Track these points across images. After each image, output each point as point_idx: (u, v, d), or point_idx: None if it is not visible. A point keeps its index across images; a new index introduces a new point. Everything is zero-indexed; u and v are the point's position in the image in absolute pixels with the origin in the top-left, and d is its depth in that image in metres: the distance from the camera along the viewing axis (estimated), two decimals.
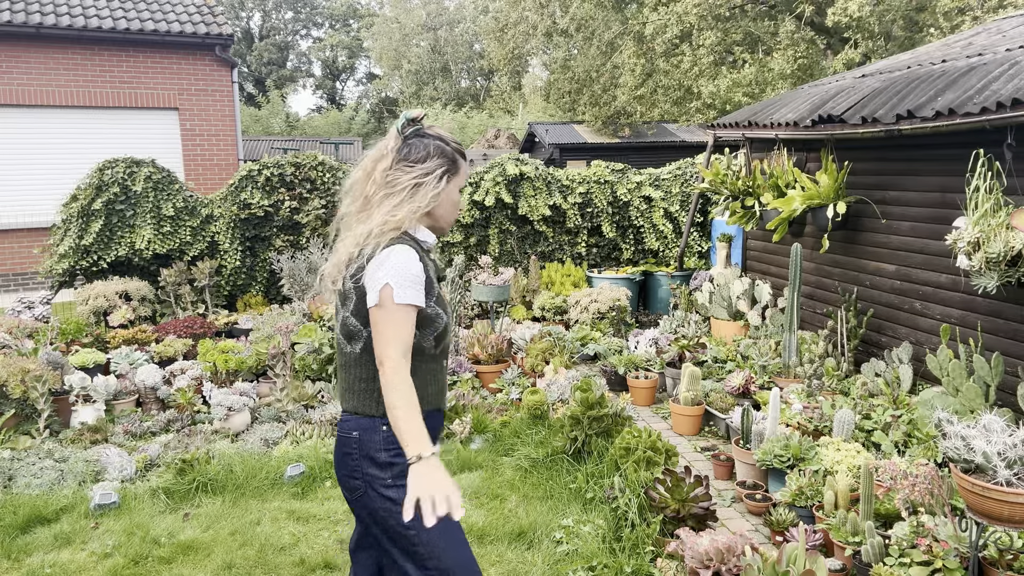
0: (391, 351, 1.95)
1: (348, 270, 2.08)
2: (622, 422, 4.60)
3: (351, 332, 2.10)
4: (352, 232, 2.11)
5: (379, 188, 2.11)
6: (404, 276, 1.99)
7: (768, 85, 14.26)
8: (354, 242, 2.08)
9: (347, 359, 2.14)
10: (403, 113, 2.17)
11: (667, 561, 3.24)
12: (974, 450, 2.68)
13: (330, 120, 35.11)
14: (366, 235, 2.06)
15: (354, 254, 2.07)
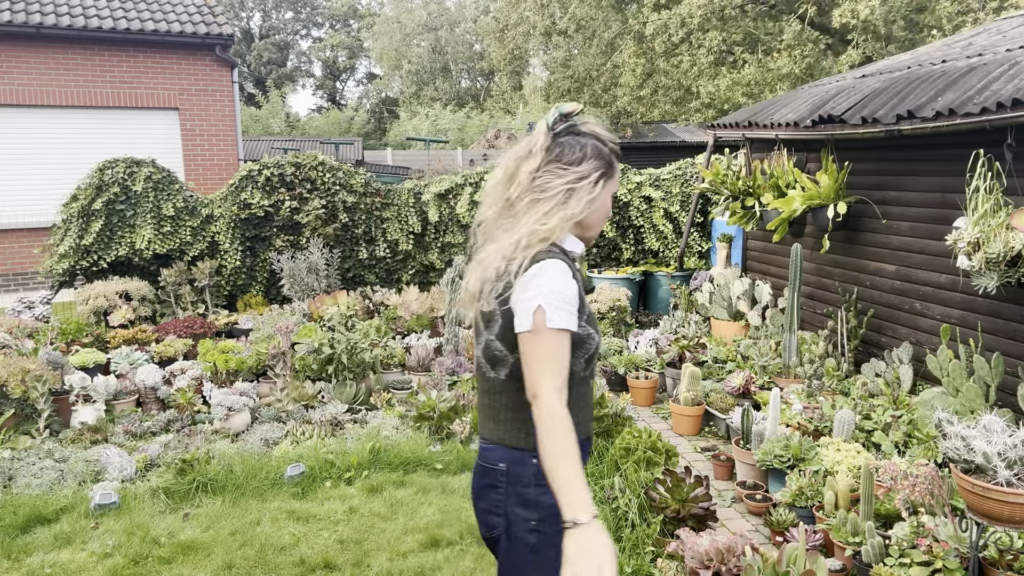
0: (546, 384, 1.68)
1: (494, 287, 1.82)
2: (622, 422, 4.60)
3: (495, 358, 1.86)
4: (496, 243, 1.85)
5: (525, 192, 1.85)
6: (558, 297, 1.73)
7: (768, 85, 14.26)
8: (499, 254, 1.82)
9: (490, 385, 1.91)
10: (555, 107, 1.91)
11: (667, 561, 3.24)
12: (974, 450, 2.68)
13: (330, 120, 35.11)
14: (513, 246, 1.81)
15: (500, 268, 1.81)
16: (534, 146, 1.88)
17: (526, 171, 1.86)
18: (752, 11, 15.73)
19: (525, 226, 1.82)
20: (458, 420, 5.08)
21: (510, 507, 1.85)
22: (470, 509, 4.08)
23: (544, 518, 1.82)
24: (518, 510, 1.84)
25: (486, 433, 1.93)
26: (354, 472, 4.52)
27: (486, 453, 1.92)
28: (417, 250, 8.81)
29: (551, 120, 1.88)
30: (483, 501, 1.91)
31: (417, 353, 6.58)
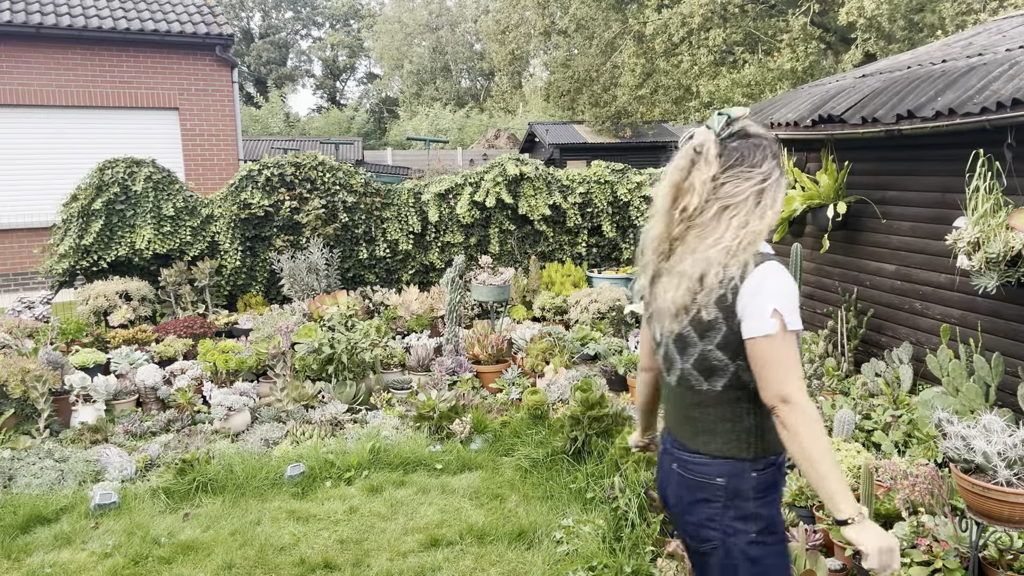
0: (794, 387, 1.70)
1: (711, 295, 1.80)
2: (622, 422, 4.60)
3: (713, 368, 1.84)
4: (694, 253, 1.83)
5: (709, 200, 1.85)
6: (789, 299, 1.75)
7: (768, 85, 14.26)
8: (707, 263, 1.80)
9: (702, 397, 1.88)
10: (723, 112, 1.93)
11: (667, 561, 3.24)
12: (974, 450, 2.68)
13: (330, 120, 35.13)
14: (725, 252, 1.79)
15: (713, 276, 1.79)
16: (705, 154, 1.87)
17: (702, 179, 1.85)
18: (752, 11, 15.73)
19: (730, 231, 1.81)
20: (458, 420, 5.08)
21: (728, 521, 1.83)
22: (470, 509, 4.09)
23: (764, 529, 1.83)
24: (738, 524, 1.83)
25: (697, 447, 1.90)
26: (354, 472, 4.52)
27: (697, 468, 1.89)
28: (417, 250, 8.81)
29: (718, 126, 1.90)
30: (694, 515, 1.88)
31: (417, 353, 6.58)
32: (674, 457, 1.96)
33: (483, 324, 7.22)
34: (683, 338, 1.88)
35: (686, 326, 1.86)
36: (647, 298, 2.00)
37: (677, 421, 1.97)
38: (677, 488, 1.94)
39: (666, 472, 2.00)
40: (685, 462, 1.92)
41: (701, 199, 1.85)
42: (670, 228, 1.92)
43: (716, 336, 1.82)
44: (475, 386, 6.17)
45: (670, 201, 1.92)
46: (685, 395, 1.93)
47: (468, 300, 8.18)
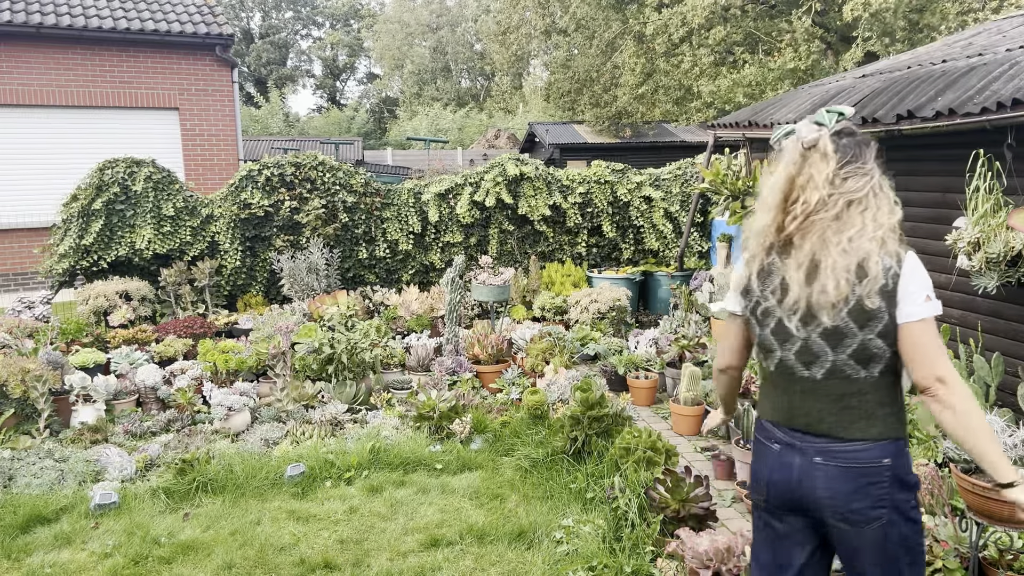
0: (947, 367, 1.84)
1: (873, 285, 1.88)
2: (622, 422, 4.60)
3: (872, 355, 1.91)
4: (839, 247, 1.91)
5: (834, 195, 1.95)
6: (931, 285, 1.91)
7: (769, 85, 14.27)
8: (860, 255, 1.89)
9: (859, 385, 1.94)
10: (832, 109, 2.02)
11: (667, 561, 3.24)
12: None
13: (330, 120, 35.13)
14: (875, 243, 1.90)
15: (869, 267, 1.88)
16: (821, 150, 1.97)
17: (823, 175, 1.95)
18: (752, 11, 15.74)
19: (870, 224, 1.93)
20: (458, 420, 5.08)
21: (895, 495, 1.93)
22: (470, 509, 4.09)
23: (916, 494, 1.98)
24: (902, 496, 1.94)
25: (854, 435, 1.95)
26: (354, 472, 4.52)
27: (860, 454, 1.94)
28: (417, 250, 8.81)
29: (831, 123, 2.01)
30: (860, 501, 1.93)
31: (417, 353, 6.58)
32: (816, 450, 1.98)
33: (483, 324, 7.22)
34: (838, 330, 1.93)
35: (844, 317, 1.91)
36: (757, 294, 2.05)
37: (819, 414, 1.99)
38: (830, 481, 1.96)
39: (799, 466, 2.01)
40: (840, 453, 1.95)
41: (823, 193, 1.94)
42: (781, 223, 2.00)
43: (878, 325, 1.89)
44: (475, 386, 6.17)
45: (782, 197, 2.00)
46: (835, 386, 1.96)
47: (468, 300, 8.18)
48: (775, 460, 2.07)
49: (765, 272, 2.04)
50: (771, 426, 2.11)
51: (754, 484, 2.14)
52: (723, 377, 2.31)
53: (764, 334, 2.08)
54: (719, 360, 2.27)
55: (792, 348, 2.01)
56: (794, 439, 2.03)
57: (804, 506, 2.02)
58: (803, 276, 1.95)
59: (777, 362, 2.06)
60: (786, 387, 2.06)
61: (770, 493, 2.08)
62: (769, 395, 2.14)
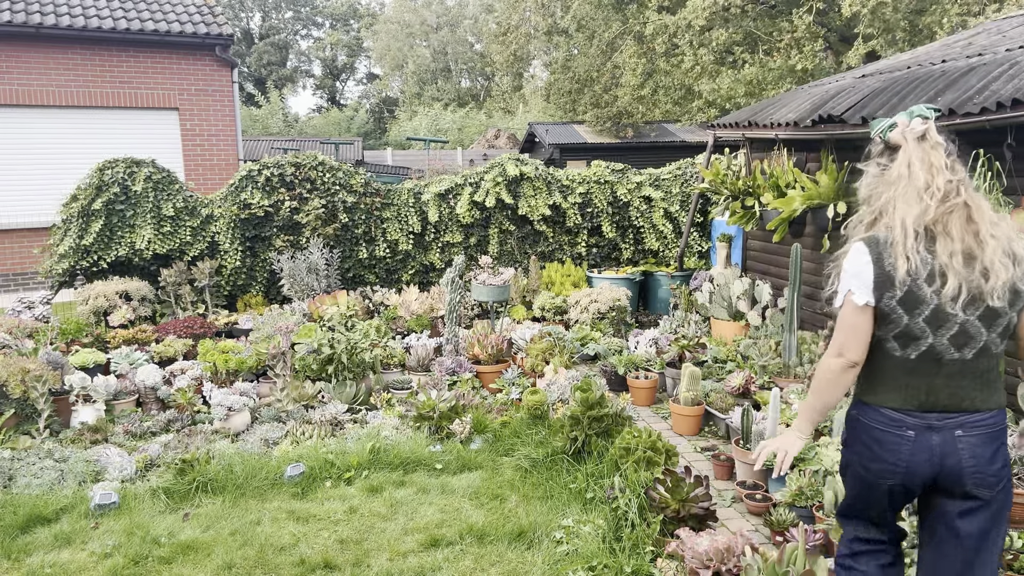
0: None
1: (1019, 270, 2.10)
2: (622, 422, 4.60)
3: (1007, 331, 2.15)
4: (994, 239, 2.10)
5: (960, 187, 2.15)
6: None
7: (771, 84, 14.27)
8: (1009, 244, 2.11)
9: (995, 359, 2.15)
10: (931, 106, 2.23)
11: (667, 561, 3.24)
12: None
13: (330, 120, 35.15)
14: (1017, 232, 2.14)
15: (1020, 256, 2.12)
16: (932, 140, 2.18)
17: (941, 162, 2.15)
18: (752, 11, 15.74)
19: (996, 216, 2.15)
20: (458, 420, 5.08)
21: (1007, 456, 2.20)
22: (470, 509, 4.09)
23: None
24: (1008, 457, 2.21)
25: (990, 405, 2.16)
26: (354, 472, 4.52)
27: (986, 420, 2.14)
28: (417, 250, 8.81)
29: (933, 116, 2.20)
30: (995, 463, 2.14)
31: (417, 353, 6.58)
32: (955, 424, 2.13)
33: (483, 324, 7.22)
34: (994, 312, 2.10)
35: (1000, 299, 2.09)
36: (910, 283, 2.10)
37: (963, 391, 2.14)
38: (975, 450, 2.12)
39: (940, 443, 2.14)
40: (981, 423, 2.15)
41: (951, 186, 2.12)
42: (926, 211, 2.11)
43: (1019, 304, 2.13)
44: (475, 386, 6.17)
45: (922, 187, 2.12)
46: (982, 363, 2.14)
47: (468, 300, 8.18)
48: (911, 446, 2.16)
49: (920, 262, 2.10)
50: (900, 415, 2.18)
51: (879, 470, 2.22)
52: (850, 374, 2.23)
53: (915, 322, 2.12)
54: (852, 354, 2.20)
55: (948, 332, 2.11)
56: (930, 420, 2.15)
57: (945, 480, 2.16)
58: (960, 263, 2.07)
59: (925, 349, 2.13)
60: (927, 372, 2.15)
61: (906, 476, 2.18)
62: (899, 385, 2.19)
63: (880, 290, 2.13)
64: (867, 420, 2.25)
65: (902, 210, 2.12)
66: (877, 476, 2.24)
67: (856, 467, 2.31)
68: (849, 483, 2.37)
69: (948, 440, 2.13)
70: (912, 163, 2.14)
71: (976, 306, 2.09)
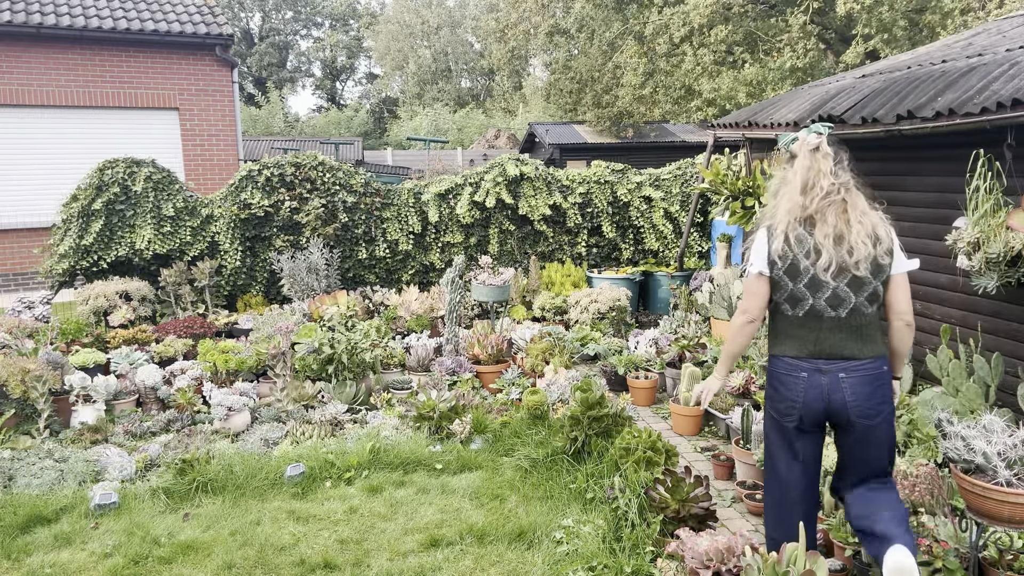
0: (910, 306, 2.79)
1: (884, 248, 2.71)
2: (622, 422, 4.60)
3: (875, 297, 2.74)
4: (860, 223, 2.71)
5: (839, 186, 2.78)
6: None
7: (770, 84, 14.27)
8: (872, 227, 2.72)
9: (867, 319, 2.73)
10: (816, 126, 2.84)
11: (667, 561, 3.24)
12: (974, 450, 2.68)
13: (330, 120, 35.14)
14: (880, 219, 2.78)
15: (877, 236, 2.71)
16: (823, 151, 2.80)
17: (827, 168, 2.78)
18: (753, 11, 15.75)
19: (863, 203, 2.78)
20: (458, 420, 5.08)
21: (888, 394, 2.75)
22: (470, 509, 4.09)
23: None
24: (890, 393, 2.78)
25: (866, 354, 2.73)
26: (354, 472, 4.52)
27: (867, 365, 2.72)
28: (417, 250, 8.81)
29: (826, 132, 2.84)
30: (872, 399, 2.71)
31: (417, 353, 6.58)
32: (843, 369, 2.72)
33: (483, 324, 7.22)
34: (860, 280, 2.71)
35: (864, 270, 2.69)
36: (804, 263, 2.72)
37: (842, 341, 2.73)
38: (855, 387, 2.71)
39: (827, 384, 2.73)
40: (859, 368, 2.72)
41: (829, 184, 2.75)
42: (804, 204, 2.75)
43: (883, 275, 2.72)
44: (475, 386, 6.17)
45: (801, 185, 2.77)
46: (853, 320, 2.72)
47: (468, 300, 8.18)
48: (804, 384, 2.76)
49: (796, 241, 2.73)
50: (796, 361, 2.78)
51: (785, 407, 2.81)
52: (750, 328, 2.86)
53: (798, 288, 2.74)
54: (751, 312, 2.83)
55: (824, 296, 2.72)
56: (819, 365, 2.74)
57: (832, 412, 2.74)
58: (831, 243, 2.69)
59: (808, 309, 2.74)
60: (814, 327, 2.75)
61: (804, 410, 2.76)
62: (792, 337, 2.80)
63: (771, 263, 2.76)
64: (774, 368, 2.85)
65: (786, 203, 2.77)
66: (782, 414, 2.82)
67: (770, 411, 2.89)
68: (766, 436, 2.96)
69: (833, 381, 2.72)
70: (802, 168, 2.78)
71: (844, 276, 2.70)
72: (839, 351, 2.71)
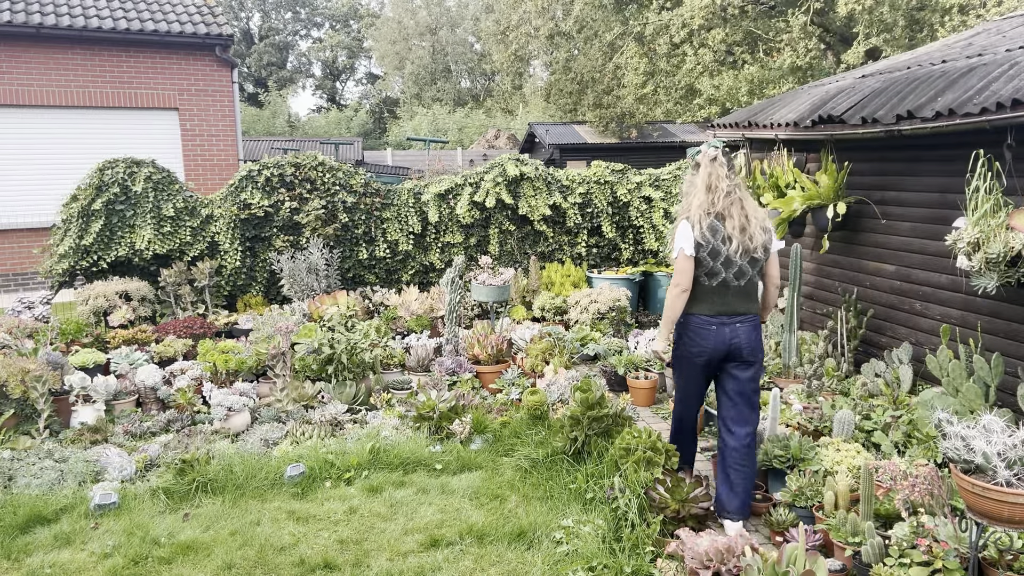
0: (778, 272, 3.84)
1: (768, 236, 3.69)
2: (622, 422, 4.59)
3: (760, 271, 3.74)
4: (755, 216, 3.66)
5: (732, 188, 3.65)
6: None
7: (771, 83, 14.28)
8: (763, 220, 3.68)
9: (754, 284, 3.71)
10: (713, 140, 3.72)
11: (667, 561, 3.24)
12: (974, 450, 2.68)
13: (331, 120, 35.14)
14: (764, 215, 3.72)
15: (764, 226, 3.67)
16: (719, 160, 3.66)
17: (725, 174, 3.64)
18: (752, 12, 15.75)
19: (754, 203, 3.72)
20: (458, 420, 5.07)
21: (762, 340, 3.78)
22: (470, 509, 4.09)
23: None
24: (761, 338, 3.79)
25: (746, 310, 3.71)
26: (354, 472, 4.52)
27: (750, 319, 3.72)
28: (417, 250, 8.81)
29: (721, 145, 3.68)
30: (754, 342, 3.72)
31: (417, 353, 6.58)
32: (739, 321, 3.69)
33: (483, 324, 7.22)
34: (756, 259, 3.66)
35: (759, 252, 3.64)
36: (719, 247, 3.59)
37: (739, 302, 3.69)
38: (748, 333, 3.71)
39: (729, 332, 3.68)
40: (749, 320, 3.73)
41: (727, 185, 3.62)
42: (713, 202, 3.61)
43: (767, 256, 3.71)
44: (475, 386, 6.17)
45: (705, 187, 3.64)
46: (748, 287, 3.69)
47: (468, 300, 8.18)
48: (714, 334, 3.69)
49: (712, 230, 3.60)
50: (709, 318, 3.69)
51: (697, 351, 3.73)
52: (684, 296, 3.69)
53: (716, 265, 3.62)
54: (683, 285, 3.67)
55: (732, 271, 3.63)
56: (722, 320, 3.69)
57: (731, 352, 3.71)
58: (738, 233, 3.60)
59: (720, 280, 3.64)
60: (723, 293, 3.67)
61: (712, 353, 3.71)
62: (707, 301, 3.69)
63: (697, 246, 3.60)
64: (689, 323, 3.75)
65: (697, 201, 3.64)
66: (695, 356, 3.74)
67: (684, 353, 3.80)
68: (681, 371, 3.88)
69: (732, 329, 3.68)
70: (704, 174, 3.65)
71: (746, 256, 3.63)
72: (736, 309, 3.68)
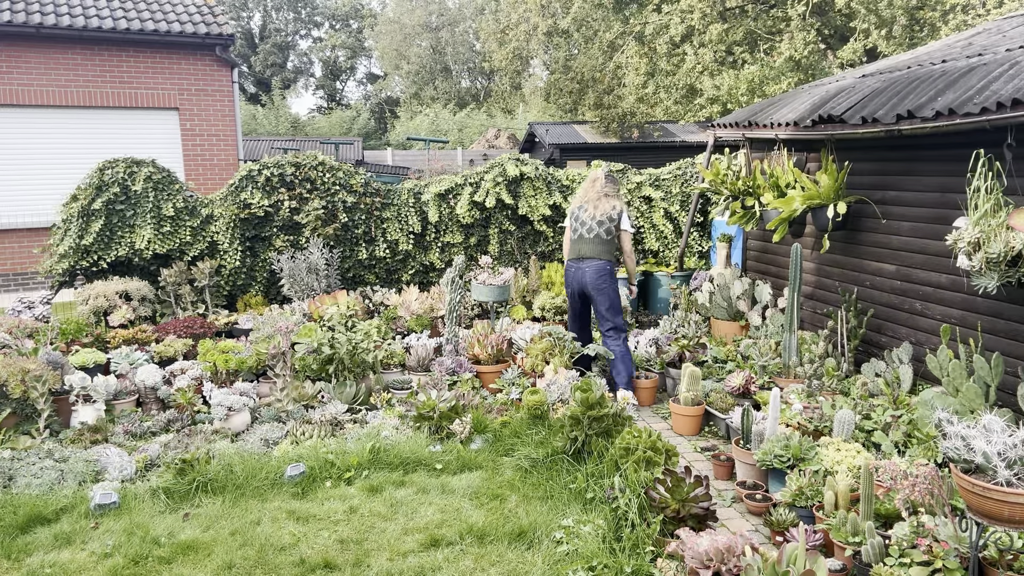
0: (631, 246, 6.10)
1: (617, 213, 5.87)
2: (622, 422, 4.60)
3: (610, 231, 5.82)
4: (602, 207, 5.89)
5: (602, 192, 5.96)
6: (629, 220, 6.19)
7: (770, 81, 14.28)
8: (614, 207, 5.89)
9: (597, 241, 5.79)
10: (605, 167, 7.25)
11: (667, 561, 3.24)
12: (974, 450, 2.68)
13: (332, 120, 35.14)
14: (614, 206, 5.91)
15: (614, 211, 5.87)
16: (601, 178, 6.01)
17: (602, 184, 5.97)
18: (752, 11, 15.75)
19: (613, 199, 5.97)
20: (458, 420, 5.07)
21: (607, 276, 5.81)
22: (470, 509, 4.10)
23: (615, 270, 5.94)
24: (609, 278, 5.82)
25: (594, 255, 5.80)
26: (354, 472, 4.52)
27: (596, 263, 5.79)
28: (417, 250, 8.81)
29: (605, 169, 6.24)
30: (599, 279, 5.77)
31: (417, 353, 6.58)
32: (587, 265, 5.81)
33: (483, 324, 7.22)
34: (603, 224, 5.82)
35: (606, 222, 5.82)
36: (581, 216, 5.92)
37: (591, 251, 5.80)
38: (594, 272, 5.77)
39: (581, 271, 5.84)
40: (597, 263, 5.79)
41: (601, 190, 5.97)
42: (590, 198, 5.97)
43: (612, 225, 5.85)
44: (475, 386, 6.17)
45: (583, 190, 6.08)
46: (599, 241, 5.81)
47: (468, 300, 8.18)
48: (575, 272, 5.85)
49: (581, 210, 5.92)
50: (572, 261, 5.87)
51: (567, 284, 5.97)
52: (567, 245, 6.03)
53: (579, 228, 5.86)
54: (566, 247, 6.05)
55: (584, 229, 5.84)
56: (580, 264, 5.82)
57: (583, 286, 5.83)
58: (595, 212, 5.84)
59: (578, 236, 5.85)
60: (580, 245, 5.83)
61: (575, 286, 5.87)
62: (571, 249, 5.89)
63: (573, 220, 5.95)
64: (565, 267, 5.94)
65: (578, 198, 6.05)
66: (567, 287, 5.95)
67: (566, 289, 5.97)
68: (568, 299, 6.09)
69: (583, 270, 5.80)
70: (587, 181, 6.03)
71: (598, 223, 5.79)
72: (586, 255, 5.79)
